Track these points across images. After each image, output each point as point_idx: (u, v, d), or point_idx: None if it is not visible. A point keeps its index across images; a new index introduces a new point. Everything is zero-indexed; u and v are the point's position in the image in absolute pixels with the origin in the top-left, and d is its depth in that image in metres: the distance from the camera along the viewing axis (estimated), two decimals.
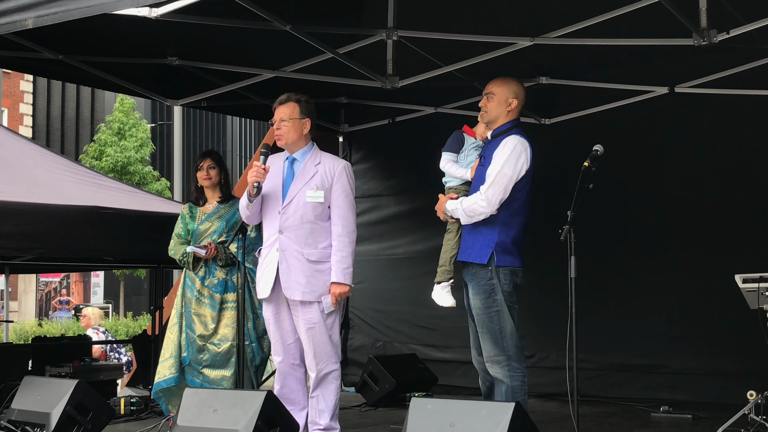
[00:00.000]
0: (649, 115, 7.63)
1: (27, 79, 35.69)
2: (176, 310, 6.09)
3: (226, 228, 6.07)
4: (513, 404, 3.96)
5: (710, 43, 5.21)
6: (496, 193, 4.83)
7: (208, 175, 6.18)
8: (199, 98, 7.79)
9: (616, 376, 7.67)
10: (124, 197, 7.91)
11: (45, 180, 7.49)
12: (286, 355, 5.26)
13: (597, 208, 6.58)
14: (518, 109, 5.08)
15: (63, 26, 4.45)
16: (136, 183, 28.85)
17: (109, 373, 8.90)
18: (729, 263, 6.63)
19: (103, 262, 9.01)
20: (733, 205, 7.29)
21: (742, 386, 6.02)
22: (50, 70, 7.28)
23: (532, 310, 6.88)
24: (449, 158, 5.26)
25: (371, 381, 7.51)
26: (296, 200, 5.13)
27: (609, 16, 5.78)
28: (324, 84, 7.20)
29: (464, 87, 7.25)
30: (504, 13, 6.21)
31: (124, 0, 4.09)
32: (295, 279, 5.09)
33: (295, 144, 5.25)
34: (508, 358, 4.85)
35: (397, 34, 6.08)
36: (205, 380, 5.93)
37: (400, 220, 8.96)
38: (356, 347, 9.11)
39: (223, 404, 4.63)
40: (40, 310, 35.97)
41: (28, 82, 36.13)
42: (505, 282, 4.88)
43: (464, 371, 8.02)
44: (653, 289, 7.55)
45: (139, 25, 5.82)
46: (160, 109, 39.93)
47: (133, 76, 7.28)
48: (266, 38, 6.28)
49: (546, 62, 7.09)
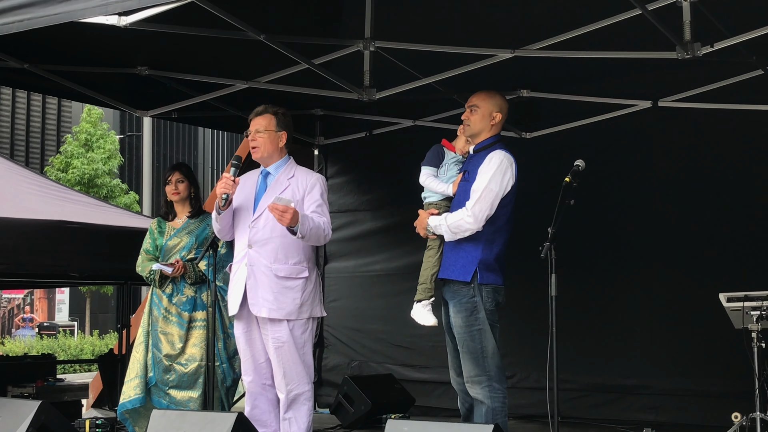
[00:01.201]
0: (632, 129, 7.67)
1: None
2: (143, 329, 6.06)
3: (196, 244, 6.05)
4: (492, 426, 3.96)
5: (694, 57, 5.24)
6: (483, 209, 4.84)
7: (176, 190, 6.16)
8: (170, 109, 7.76)
9: (598, 396, 7.68)
10: (90, 211, 7.87)
11: (8, 193, 7.44)
12: (257, 375, 5.23)
13: (579, 225, 6.62)
14: (501, 123, 5.10)
15: (29, 34, 4.44)
16: (103, 196, 28.70)
17: (74, 394, 8.83)
18: (713, 281, 6.68)
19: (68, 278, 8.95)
20: (718, 221, 7.34)
21: (726, 408, 6.07)
22: (15, 80, 7.23)
23: (512, 328, 6.90)
24: (429, 173, 5.25)
25: (346, 402, 7.48)
26: (266, 214, 5.10)
27: (591, 28, 5.81)
28: (299, 95, 7.20)
29: (443, 99, 7.27)
30: (484, 25, 6.23)
31: (93, 8, 4.07)
32: (262, 295, 5.07)
33: (270, 157, 5.25)
34: (489, 378, 4.84)
35: (375, 45, 6.09)
36: (172, 401, 5.89)
37: (376, 236, 8.95)
38: (331, 367, 9.09)
39: (192, 426, 4.60)
40: (3, 327, 35.65)
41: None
42: (488, 300, 4.88)
43: (442, 392, 8.01)
44: (636, 307, 7.58)
45: (108, 34, 5.80)
46: (129, 120, 39.82)
47: (101, 86, 7.25)
48: (239, 48, 6.27)
49: (527, 75, 7.12)
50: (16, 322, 36.64)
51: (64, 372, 19.74)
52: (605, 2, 5.56)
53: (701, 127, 7.42)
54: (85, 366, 20.82)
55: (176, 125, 42.20)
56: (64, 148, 31.68)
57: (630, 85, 7.24)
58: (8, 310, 37.46)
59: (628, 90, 7.32)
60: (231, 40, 5.90)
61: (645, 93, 7.34)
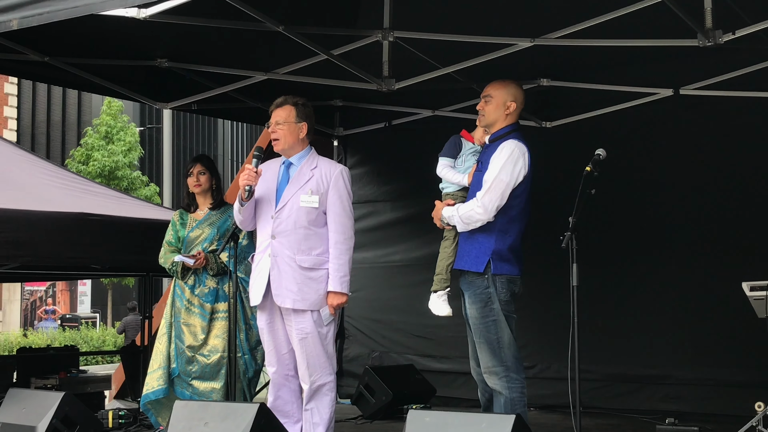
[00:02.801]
0: (654, 117, 7.64)
1: (11, 81, 35.70)
2: (165, 320, 6.10)
3: (218, 235, 6.08)
4: (513, 416, 3.97)
5: (716, 44, 5.22)
6: (493, 200, 4.83)
7: (198, 182, 6.19)
8: (190, 101, 7.79)
9: (619, 387, 7.67)
10: (111, 203, 7.92)
11: (30, 186, 7.49)
12: (280, 366, 5.25)
13: (600, 214, 6.61)
14: (517, 112, 5.09)
15: (49, 27, 4.46)
16: (124, 188, 28.87)
17: (97, 385, 8.89)
18: (736, 270, 6.64)
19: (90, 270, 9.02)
20: (741, 210, 7.29)
21: (749, 397, 6.02)
22: (36, 73, 7.28)
23: (533, 319, 6.91)
24: (446, 163, 5.27)
25: (367, 393, 7.51)
26: (290, 205, 5.13)
27: (612, 16, 5.79)
28: (318, 86, 7.21)
29: (462, 89, 7.26)
30: (503, 13, 6.21)
31: (112, 0, 4.09)
32: (286, 286, 5.09)
33: (292, 148, 5.26)
34: (506, 369, 4.85)
35: (393, 35, 6.09)
36: (195, 392, 5.93)
37: (396, 227, 8.96)
38: (352, 358, 9.11)
39: (215, 417, 4.62)
40: (26, 320, 35.93)
41: (13, 85, 36.14)
42: (502, 291, 4.88)
43: (463, 382, 8.01)
44: (658, 297, 7.55)
45: (128, 26, 5.83)
46: (149, 112, 39.99)
47: (121, 78, 7.29)
48: (258, 39, 6.28)
49: (547, 64, 7.10)
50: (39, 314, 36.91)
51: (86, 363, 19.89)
52: None
53: (723, 115, 7.38)
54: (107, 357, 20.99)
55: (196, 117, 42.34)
56: (84, 140, 31.87)
57: (651, 73, 7.21)
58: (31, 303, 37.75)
59: (649, 78, 7.29)
60: (250, 32, 5.92)
61: (666, 81, 7.31)
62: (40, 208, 6.82)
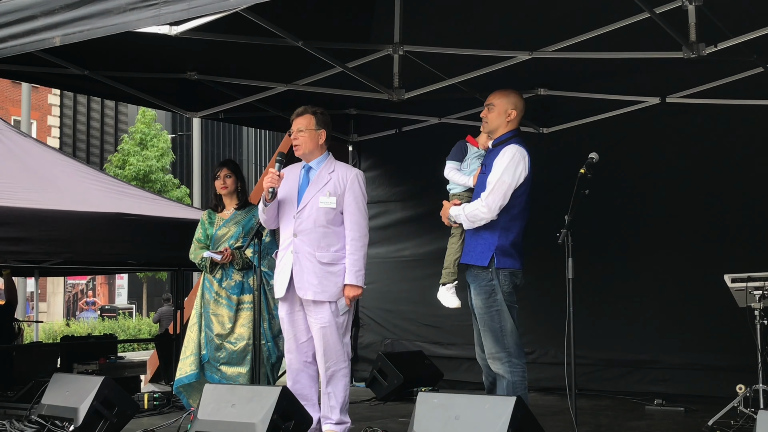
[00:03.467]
0: (642, 124, 7.61)
1: (54, 93, 35.81)
2: (196, 311, 6.12)
3: (243, 233, 6.09)
4: (514, 398, 3.96)
5: (699, 56, 5.19)
6: (496, 200, 4.83)
7: (224, 184, 6.21)
8: (217, 110, 7.81)
9: (611, 371, 7.65)
10: (146, 204, 7.93)
11: (72, 188, 7.51)
12: (299, 353, 5.26)
13: (593, 213, 6.58)
14: (518, 119, 5.08)
15: (88, 43, 4.48)
16: (157, 191, 28.93)
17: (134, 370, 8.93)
18: (718, 264, 6.62)
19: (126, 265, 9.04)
20: (722, 209, 7.26)
21: (731, 380, 6.03)
22: (76, 85, 7.31)
23: (532, 308, 6.89)
24: (453, 166, 5.28)
25: (380, 377, 7.51)
26: (310, 205, 5.15)
27: (603, 30, 5.79)
28: (334, 96, 7.22)
29: (467, 98, 7.25)
30: (504, 29, 6.22)
31: (146, 19, 4.10)
32: (308, 279, 5.10)
33: (311, 153, 5.27)
34: (508, 355, 4.85)
35: (403, 49, 6.09)
36: (223, 376, 5.95)
37: (406, 225, 8.95)
38: (366, 345, 9.11)
39: (241, 399, 4.63)
40: (68, 310, 36.05)
41: (56, 96, 36.25)
42: (505, 283, 4.88)
43: (468, 367, 8.02)
44: (647, 288, 7.53)
45: (160, 42, 5.84)
46: (179, 121, 40.05)
47: (154, 90, 7.31)
48: (279, 54, 6.29)
49: (544, 74, 7.08)
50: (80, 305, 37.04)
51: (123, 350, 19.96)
52: (616, 6, 5.53)
53: (706, 122, 7.35)
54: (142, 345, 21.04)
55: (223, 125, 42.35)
56: (121, 146, 31.97)
57: (640, 82, 7.20)
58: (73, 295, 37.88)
59: (638, 87, 7.28)
60: (272, 47, 5.93)
61: (654, 90, 7.29)
62: (80, 209, 6.83)
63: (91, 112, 41.64)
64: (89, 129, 41.61)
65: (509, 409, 3.88)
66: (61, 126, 38.13)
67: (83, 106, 41.37)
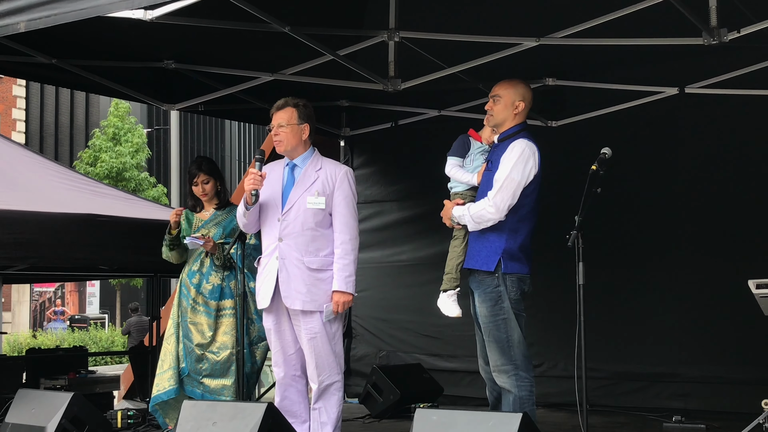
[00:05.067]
0: (659, 116, 7.62)
1: (20, 83, 35.78)
2: (173, 320, 6.12)
3: (224, 234, 6.09)
4: (520, 415, 3.96)
5: (720, 42, 5.20)
6: (505, 199, 4.82)
7: (204, 191, 6.22)
8: (196, 102, 7.79)
9: (626, 385, 7.66)
10: (119, 204, 7.93)
11: (39, 187, 7.50)
12: (287, 366, 5.26)
13: (606, 213, 6.60)
14: (525, 111, 5.07)
15: (56, 30, 4.46)
16: (132, 190, 28.90)
17: (106, 386, 8.91)
18: (742, 268, 6.63)
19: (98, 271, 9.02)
20: (746, 207, 7.28)
21: (756, 395, 6.01)
22: (43, 75, 7.29)
23: (539, 317, 6.90)
24: (455, 163, 5.27)
25: (375, 392, 7.51)
26: (296, 207, 5.13)
27: (616, 15, 5.78)
28: (324, 87, 7.21)
29: (468, 89, 7.25)
30: (508, 13, 6.21)
31: (118, 2, 4.09)
32: (295, 288, 5.09)
33: (295, 150, 5.25)
34: (515, 368, 4.84)
35: (399, 36, 6.08)
36: (206, 390, 5.94)
37: (403, 227, 8.96)
38: (359, 357, 9.11)
39: (223, 417, 4.62)
40: (35, 321, 36.00)
41: (21, 87, 36.21)
42: (513, 289, 4.87)
43: (470, 381, 8.02)
44: (664, 295, 7.54)
45: (134, 28, 5.83)
46: (156, 114, 39.99)
47: (128, 80, 7.29)
48: (264, 40, 6.28)
49: (552, 63, 7.09)
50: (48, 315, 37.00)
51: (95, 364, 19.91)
52: None
53: (728, 114, 7.36)
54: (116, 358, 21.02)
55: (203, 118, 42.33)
56: (92, 142, 31.91)
57: (656, 72, 7.20)
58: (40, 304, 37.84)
59: (655, 77, 7.28)
60: (256, 33, 5.92)
61: (671, 80, 7.29)
62: (48, 210, 6.83)
63: (59, 104, 41.56)
64: (58, 123, 41.54)
65: (515, 427, 3.88)
66: (27, 119, 38.09)
67: (51, 97, 41.28)
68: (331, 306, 5.09)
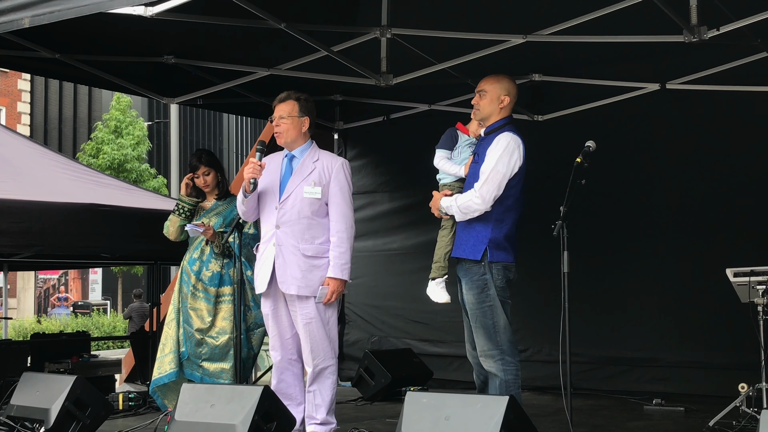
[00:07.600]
0: (641, 111, 7.63)
1: (24, 78, 35.62)
2: (173, 306, 6.12)
3: (224, 224, 6.10)
4: (507, 398, 3.96)
5: (701, 40, 5.20)
6: (490, 190, 4.82)
7: (205, 183, 6.23)
8: (195, 96, 7.77)
9: (608, 369, 7.68)
10: (121, 194, 7.91)
11: (43, 178, 7.48)
12: (284, 350, 5.26)
13: (589, 204, 6.61)
14: (511, 106, 5.07)
15: (59, 25, 4.44)
16: (133, 180, 28.86)
17: (108, 369, 8.90)
18: (720, 257, 6.65)
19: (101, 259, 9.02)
20: (724, 200, 7.29)
21: (733, 379, 6.05)
22: (47, 69, 7.26)
23: (525, 304, 6.90)
24: (443, 155, 5.27)
25: (367, 375, 7.51)
26: (294, 196, 5.14)
27: (600, 13, 5.78)
28: (319, 82, 7.20)
29: (458, 84, 7.24)
30: (496, 11, 6.20)
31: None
32: (291, 273, 5.09)
33: (294, 141, 5.26)
34: (501, 353, 4.85)
35: (391, 32, 6.07)
36: (205, 374, 5.95)
37: (394, 216, 8.95)
38: (352, 342, 9.12)
39: (220, 399, 4.62)
40: (39, 306, 35.97)
41: (26, 81, 36.05)
42: (498, 277, 4.88)
43: (459, 365, 8.03)
44: (645, 283, 7.56)
45: (135, 24, 5.81)
46: (156, 107, 39.93)
47: (129, 74, 7.27)
48: (261, 36, 6.27)
49: (538, 59, 7.09)
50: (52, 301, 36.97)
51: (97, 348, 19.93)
52: None
53: (708, 109, 7.37)
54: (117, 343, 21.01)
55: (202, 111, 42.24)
56: (94, 134, 31.85)
57: (638, 68, 7.20)
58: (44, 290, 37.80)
59: (637, 73, 7.28)
60: (253, 29, 5.90)
61: (653, 76, 7.30)
62: (52, 199, 6.81)
63: (63, 98, 41.45)
64: (61, 116, 41.43)
65: (501, 410, 3.88)
66: (32, 113, 37.94)
67: (55, 91, 41.17)
68: (326, 288, 5.09)
